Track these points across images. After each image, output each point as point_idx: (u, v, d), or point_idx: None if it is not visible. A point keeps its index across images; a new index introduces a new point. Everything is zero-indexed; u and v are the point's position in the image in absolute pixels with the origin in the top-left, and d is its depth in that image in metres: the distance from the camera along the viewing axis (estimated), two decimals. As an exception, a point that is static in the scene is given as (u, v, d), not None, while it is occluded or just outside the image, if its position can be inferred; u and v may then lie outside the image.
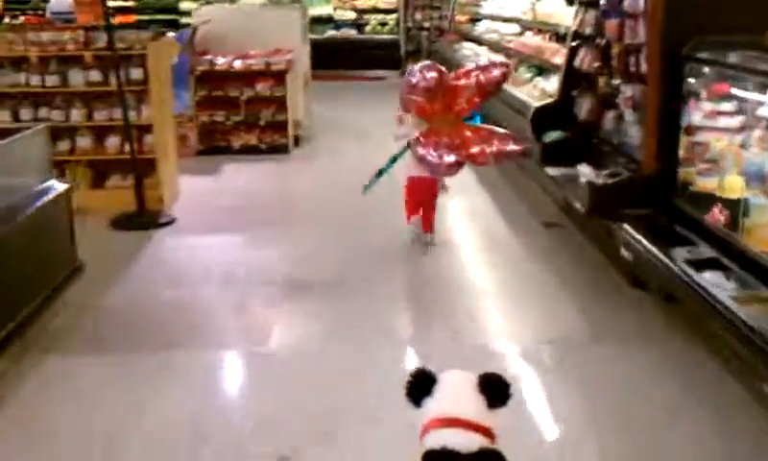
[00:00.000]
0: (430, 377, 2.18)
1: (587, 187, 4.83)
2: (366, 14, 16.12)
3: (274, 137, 8.48)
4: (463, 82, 5.12)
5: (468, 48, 10.64)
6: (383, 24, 16.03)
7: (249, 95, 8.32)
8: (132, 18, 15.35)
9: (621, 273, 4.75)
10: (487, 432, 2.07)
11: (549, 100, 6.10)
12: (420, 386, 2.17)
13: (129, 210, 6.05)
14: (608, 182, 4.77)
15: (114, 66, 5.84)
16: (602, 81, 5.48)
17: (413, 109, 5.12)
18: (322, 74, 12.06)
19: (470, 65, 5.81)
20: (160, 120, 6.26)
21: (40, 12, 14.23)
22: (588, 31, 5.72)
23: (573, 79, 5.91)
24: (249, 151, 8.40)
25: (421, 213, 5.50)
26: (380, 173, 5.40)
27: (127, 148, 6.05)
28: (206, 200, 6.83)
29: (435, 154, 4.97)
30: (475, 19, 11.25)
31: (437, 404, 2.13)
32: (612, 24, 5.12)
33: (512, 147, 5.12)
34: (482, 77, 5.10)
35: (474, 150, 5.05)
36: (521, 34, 8.35)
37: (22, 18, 14.74)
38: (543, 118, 5.97)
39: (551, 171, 5.58)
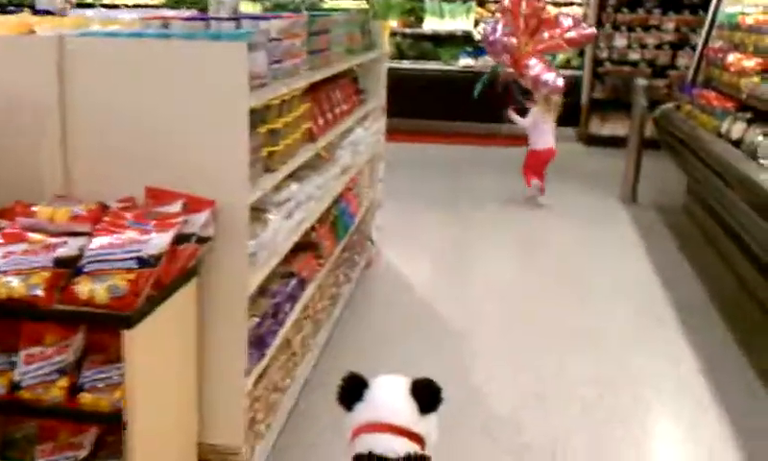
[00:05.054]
0: (362, 382, 2.17)
1: None
2: (527, 34, 9.54)
3: None
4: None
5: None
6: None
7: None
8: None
9: None
10: (415, 438, 2.07)
11: None
12: (352, 391, 2.15)
13: None
14: None
15: None
16: None
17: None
18: (439, 128, 8.26)
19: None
20: None
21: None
22: None
23: None
24: None
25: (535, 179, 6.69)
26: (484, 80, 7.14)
27: None
28: None
29: (500, 30, 6.70)
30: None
31: (367, 409, 2.12)
32: None
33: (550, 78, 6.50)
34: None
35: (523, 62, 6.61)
36: None
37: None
38: None
39: None
